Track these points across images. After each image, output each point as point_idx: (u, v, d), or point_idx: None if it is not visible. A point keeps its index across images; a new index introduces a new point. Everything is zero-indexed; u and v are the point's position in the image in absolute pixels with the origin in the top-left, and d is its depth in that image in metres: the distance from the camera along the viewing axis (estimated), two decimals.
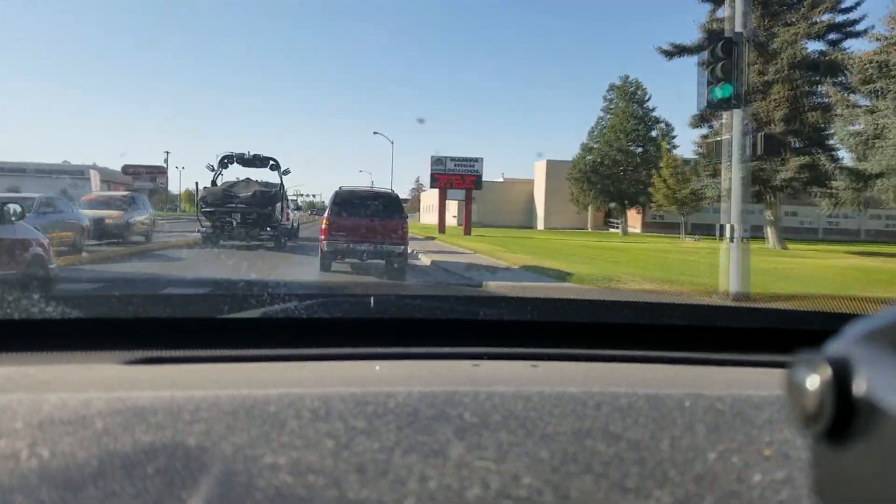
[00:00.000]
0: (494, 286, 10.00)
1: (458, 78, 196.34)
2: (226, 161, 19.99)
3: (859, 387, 0.39)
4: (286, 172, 20.22)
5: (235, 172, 22.72)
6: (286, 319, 1.24)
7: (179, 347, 1.12)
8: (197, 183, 19.01)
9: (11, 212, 6.59)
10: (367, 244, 12.40)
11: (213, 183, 19.32)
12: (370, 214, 12.78)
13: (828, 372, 0.40)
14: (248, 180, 19.40)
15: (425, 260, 16.23)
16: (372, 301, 1.28)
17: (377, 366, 1.04)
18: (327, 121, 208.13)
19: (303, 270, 12.63)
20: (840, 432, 0.39)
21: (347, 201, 13.12)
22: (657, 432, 0.71)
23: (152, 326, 1.20)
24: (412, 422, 0.72)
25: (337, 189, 13.64)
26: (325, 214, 13.02)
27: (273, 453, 0.63)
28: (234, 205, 17.61)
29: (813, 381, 0.40)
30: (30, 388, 0.85)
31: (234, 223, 17.41)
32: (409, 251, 14.06)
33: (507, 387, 0.86)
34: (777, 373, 1.01)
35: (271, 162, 20.08)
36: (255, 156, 20.05)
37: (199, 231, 17.77)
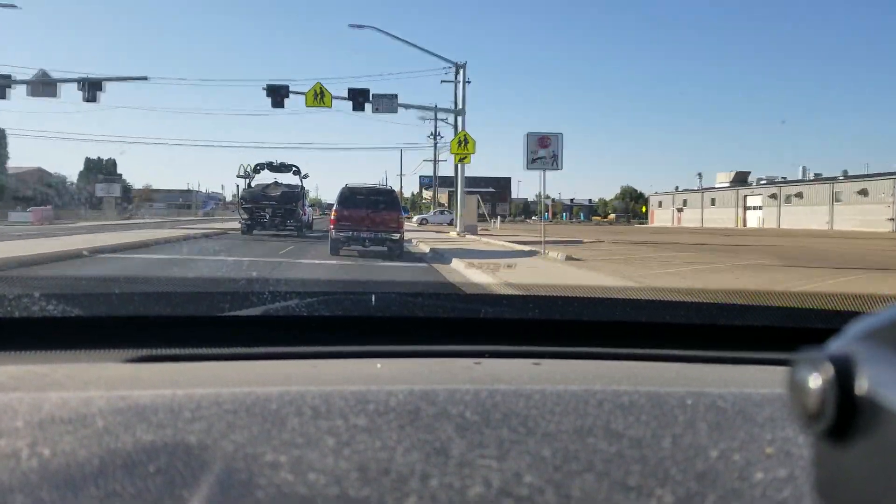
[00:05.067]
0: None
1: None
2: (258, 167, 25.93)
3: (861, 385, 0.39)
4: (305, 176, 26.34)
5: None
6: (287, 317, 1.24)
7: (180, 345, 1.12)
8: (237, 185, 25.81)
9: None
10: (369, 232, 15.18)
11: (249, 185, 24.87)
12: (371, 208, 15.43)
13: (830, 370, 0.40)
14: (276, 183, 24.80)
15: None
16: (373, 299, 1.28)
17: (378, 364, 1.04)
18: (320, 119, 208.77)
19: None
20: (842, 431, 0.39)
21: (352, 197, 15.82)
22: (659, 430, 0.71)
23: (153, 324, 1.20)
24: (413, 420, 0.72)
25: (343, 186, 16.18)
26: (334, 208, 15.76)
27: (274, 451, 0.63)
28: (266, 202, 22.73)
29: (815, 380, 0.40)
30: (30, 387, 0.85)
31: (267, 217, 22.47)
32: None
33: (508, 385, 0.86)
34: (779, 371, 1.01)
35: (294, 168, 26.20)
36: (281, 163, 26.06)
37: (239, 222, 23.21)
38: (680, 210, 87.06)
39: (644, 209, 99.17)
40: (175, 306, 1.25)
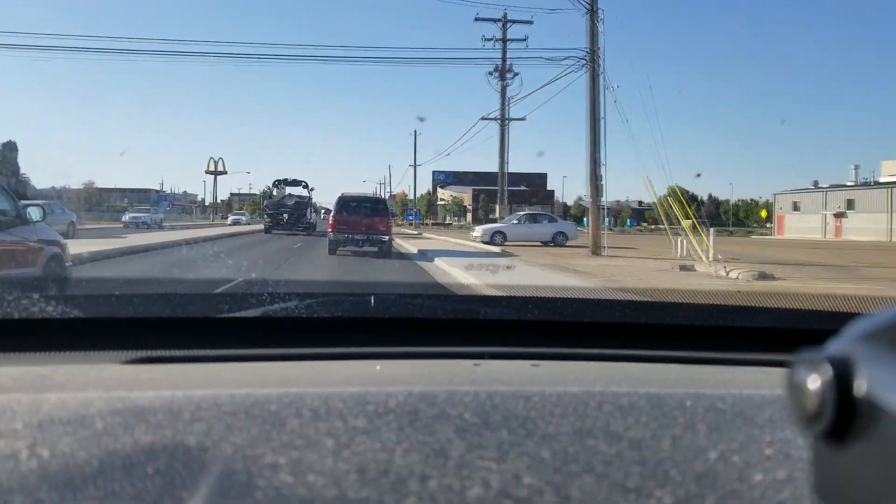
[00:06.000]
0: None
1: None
2: (277, 183, 35.82)
3: (860, 386, 0.39)
4: (312, 189, 36.20)
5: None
6: (286, 318, 1.24)
7: (179, 347, 1.12)
8: (263, 198, 38.14)
9: (32, 215, 7.11)
10: (363, 235, 17.33)
11: (270, 196, 35.76)
12: (364, 214, 17.66)
13: (829, 371, 0.40)
14: (290, 194, 33.98)
15: None
16: (372, 300, 1.28)
17: (378, 365, 1.04)
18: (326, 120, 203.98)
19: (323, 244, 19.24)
20: (841, 432, 0.39)
21: (348, 203, 18.00)
22: (658, 431, 0.71)
23: (152, 326, 1.20)
24: (413, 421, 0.72)
25: (340, 195, 18.59)
26: (332, 213, 18.09)
27: (273, 453, 0.63)
28: (283, 209, 31.69)
29: (814, 381, 0.40)
30: (29, 388, 0.85)
31: (284, 220, 31.21)
32: None
33: (507, 386, 0.86)
34: (778, 372, 1.01)
35: (304, 183, 35.82)
36: (294, 179, 35.62)
37: (264, 224, 32.41)
38: (840, 215, 58.61)
39: (764, 213, 74.56)
40: (174, 307, 1.25)
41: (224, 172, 78.85)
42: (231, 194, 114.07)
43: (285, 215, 31.33)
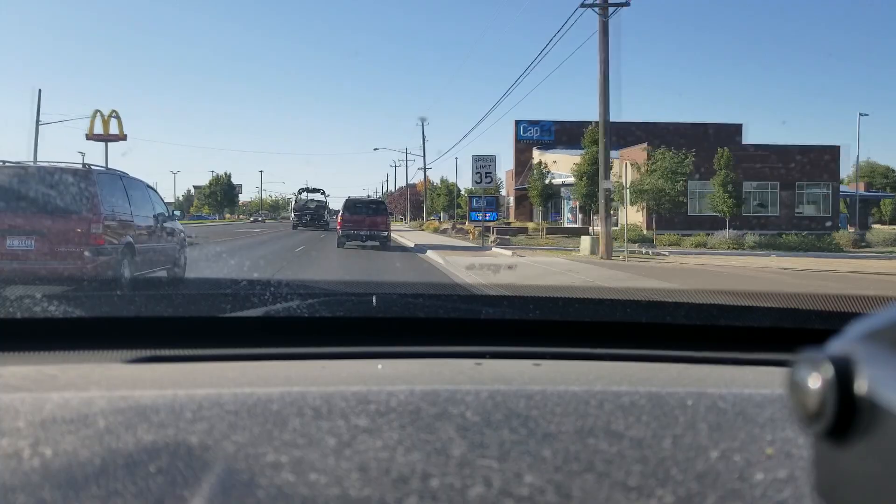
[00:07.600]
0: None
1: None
2: (301, 190, 46.69)
3: (861, 386, 0.39)
4: (328, 196, 47.18)
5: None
6: (288, 318, 1.24)
7: (181, 346, 1.12)
8: (292, 202, 49.25)
9: (175, 213, 11.33)
10: (366, 230, 21.31)
11: (296, 200, 44.94)
12: (367, 213, 21.73)
13: (830, 371, 0.40)
14: (312, 199, 44.53)
15: None
16: (374, 300, 1.28)
17: (379, 364, 1.04)
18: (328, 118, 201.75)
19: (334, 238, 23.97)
20: (842, 431, 0.39)
21: (353, 204, 22.29)
22: (659, 431, 0.71)
23: (154, 325, 1.21)
24: (414, 420, 0.72)
25: (346, 198, 22.88)
26: (340, 213, 22.41)
27: (275, 452, 0.63)
28: (307, 211, 41.33)
29: (815, 380, 0.40)
30: (32, 387, 0.85)
31: (307, 219, 40.45)
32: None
33: (509, 385, 0.86)
34: (779, 371, 1.01)
35: (321, 190, 47.08)
36: (314, 188, 46.98)
37: (292, 222, 41.74)
38: None
39: None
40: (177, 307, 1.25)
41: (121, 137, 43.63)
42: (194, 187, 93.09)
43: (308, 216, 40.97)
